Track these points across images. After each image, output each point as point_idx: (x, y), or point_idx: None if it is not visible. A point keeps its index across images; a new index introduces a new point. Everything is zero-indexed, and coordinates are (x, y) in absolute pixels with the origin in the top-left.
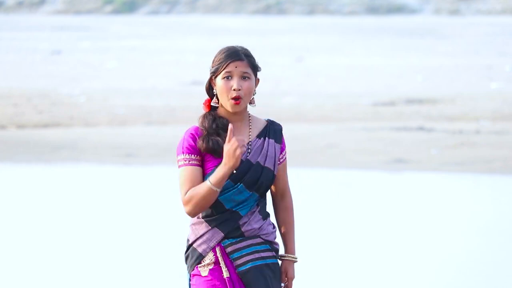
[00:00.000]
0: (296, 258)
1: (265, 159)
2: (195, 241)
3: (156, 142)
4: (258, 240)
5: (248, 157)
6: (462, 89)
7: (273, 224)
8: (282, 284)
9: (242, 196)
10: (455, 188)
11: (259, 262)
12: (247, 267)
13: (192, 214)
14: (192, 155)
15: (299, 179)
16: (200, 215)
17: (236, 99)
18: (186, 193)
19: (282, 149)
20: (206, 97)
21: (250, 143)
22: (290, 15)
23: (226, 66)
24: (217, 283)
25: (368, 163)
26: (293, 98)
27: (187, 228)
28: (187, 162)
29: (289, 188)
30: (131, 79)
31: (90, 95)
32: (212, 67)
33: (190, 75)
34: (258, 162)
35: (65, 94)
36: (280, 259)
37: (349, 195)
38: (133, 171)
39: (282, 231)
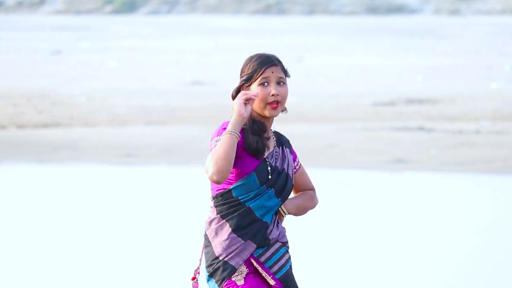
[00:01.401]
0: (284, 213)
1: (287, 167)
2: (227, 255)
3: (156, 142)
4: (278, 244)
5: (277, 164)
6: (462, 89)
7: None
8: None
9: (271, 202)
10: (455, 188)
11: (288, 266)
12: (283, 272)
13: (218, 172)
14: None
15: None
16: (232, 231)
17: (274, 103)
18: None
19: (294, 159)
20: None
21: (275, 149)
22: (290, 15)
23: (263, 72)
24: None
25: (368, 163)
26: (293, 98)
27: (187, 228)
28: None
29: (314, 189)
30: (131, 79)
31: (90, 95)
32: (244, 75)
33: (190, 75)
34: (283, 169)
35: (65, 94)
36: None
37: (349, 195)
38: (133, 171)
39: (294, 196)
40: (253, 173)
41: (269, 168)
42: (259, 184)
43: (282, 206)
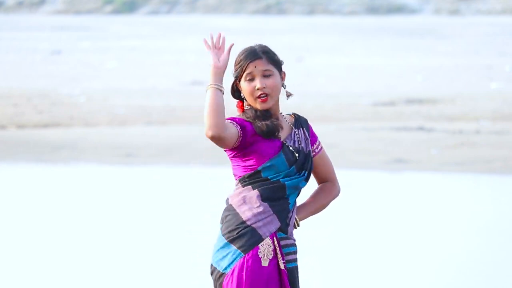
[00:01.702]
0: (297, 225)
1: (307, 146)
2: (256, 221)
3: (156, 142)
4: (292, 241)
5: (301, 145)
6: (462, 89)
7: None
8: None
9: (302, 185)
10: (455, 188)
11: (295, 263)
12: (293, 265)
13: (210, 127)
14: (232, 121)
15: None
16: (262, 198)
17: (262, 96)
18: None
19: (313, 141)
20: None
21: (294, 131)
22: (290, 15)
23: (246, 67)
24: (275, 275)
25: (368, 163)
26: (293, 98)
27: (187, 228)
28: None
29: (335, 177)
30: (131, 79)
31: (90, 95)
32: (234, 71)
33: (190, 75)
34: (309, 151)
35: (65, 94)
36: None
37: (349, 195)
38: (133, 171)
39: (311, 196)
40: (281, 153)
41: (291, 148)
42: (288, 165)
43: (295, 216)
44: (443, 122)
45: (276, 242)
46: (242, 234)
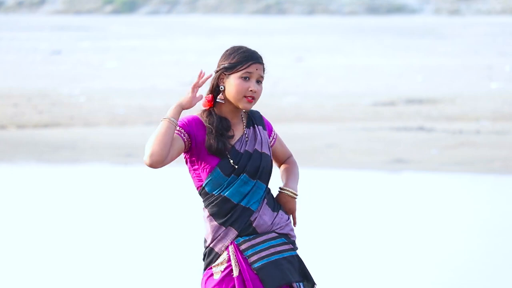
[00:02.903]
0: (295, 194)
1: (261, 146)
2: (211, 242)
3: None
4: (273, 234)
5: (246, 148)
6: (462, 89)
7: (286, 215)
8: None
9: (247, 187)
10: (455, 188)
11: (275, 257)
12: (262, 263)
13: (151, 155)
14: (182, 129)
15: (299, 179)
16: (213, 219)
17: (250, 98)
18: None
19: (269, 132)
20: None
21: (245, 133)
22: (290, 15)
23: (248, 66)
24: (229, 285)
25: (368, 163)
26: (293, 98)
27: (187, 228)
28: (175, 132)
29: (292, 155)
30: (131, 79)
31: (90, 95)
32: (227, 63)
33: (190, 75)
34: (256, 150)
35: (65, 94)
36: (279, 192)
37: (349, 195)
38: (133, 171)
39: (284, 174)
40: (217, 168)
41: (231, 161)
42: (226, 176)
43: (288, 189)
44: (443, 122)
45: (232, 250)
46: (204, 255)
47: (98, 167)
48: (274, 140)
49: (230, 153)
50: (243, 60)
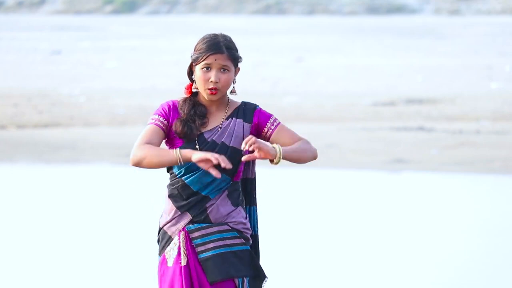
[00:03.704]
0: (277, 153)
1: (231, 139)
2: (165, 224)
3: None
4: (226, 227)
5: (214, 138)
6: (462, 89)
7: (245, 215)
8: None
9: (209, 177)
10: (455, 188)
11: (222, 250)
12: (208, 254)
13: (137, 159)
14: (162, 118)
15: (299, 179)
16: (171, 201)
17: (213, 90)
18: (144, 142)
19: (264, 124)
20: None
21: (221, 124)
22: (290, 15)
23: (206, 57)
24: (178, 274)
25: (368, 163)
26: (293, 98)
27: None
28: (155, 121)
29: (302, 138)
30: (131, 79)
31: (90, 95)
32: (193, 54)
33: None
34: (223, 142)
35: (65, 94)
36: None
37: (349, 195)
38: (133, 171)
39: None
40: (179, 150)
41: (197, 147)
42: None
43: (277, 146)
44: (443, 122)
45: (183, 237)
46: (158, 239)
47: (98, 167)
48: (271, 130)
49: (198, 140)
50: (203, 51)
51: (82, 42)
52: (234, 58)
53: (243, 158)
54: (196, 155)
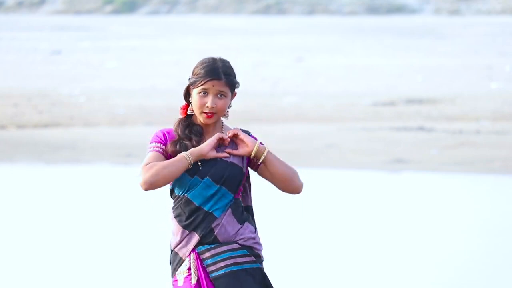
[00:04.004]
0: (255, 149)
1: (231, 156)
2: (176, 246)
3: None
4: (235, 245)
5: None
6: (462, 89)
7: (253, 228)
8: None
9: (210, 190)
10: (455, 188)
11: (233, 268)
12: (220, 273)
13: (148, 178)
14: (160, 144)
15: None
16: (177, 222)
17: (209, 113)
18: (147, 164)
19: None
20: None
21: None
22: (290, 15)
23: (204, 83)
24: None
25: (368, 163)
26: (293, 98)
27: None
28: (154, 148)
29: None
30: (131, 79)
31: (90, 95)
32: (191, 77)
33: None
34: (222, 159)
35: (65, 94)
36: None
37: (349, 195)
38: (133, 171)
39: None
40: None
41: (199, 162)
42: (189, 176)
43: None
44: (443, 122)
45: (194, 258)
46: (170, 260)
47: (98, 167)
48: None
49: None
50: (201, 76)
51: (82, 42)
52: (232, 84)
53: (227, 150)
54: (206, 147)
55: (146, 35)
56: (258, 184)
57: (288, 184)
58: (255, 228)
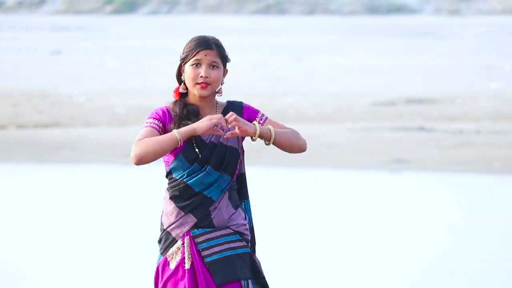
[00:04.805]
0: (257, 133)
1: (228, 138)
2: (169, 225)
3: None
4: (229, 230)
5: (211, 139)
6: (462, 89)
7: (244, 215)
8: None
9: (211, 178)
10: (455, 188)
11: (228, 253)
12: (215, 257)
13: (138, 154)
14: (157, 121)
15: (299, 179)
16: (173, 202)
17: (203, 84)
18: (140, 140)
19: (253, 118)
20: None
21: (215, 126)
22: (290, 15)
23: (196, 54)
24: (181, 276)
25: (368, 163)
26: (293, 98)
27: None
28: (151, 124)
29: (292, 129)
30: (131, 79)
31: (90, 95)
32: (183, 53)
33: None
34: (221, 142)
35: (65, 94)
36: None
37: (349, 195)
38: (133, 171)
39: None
40: (180, 154)
41: (196, 149)
42: (189, 163)
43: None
44: (443, 122)
45: (188, 242)
46: (160, 239)
47: (98, 167)
48: (261, 124)
49: (195, 141)
50: (192, 48)
51: (82, 42)
52: (223, 56)
53: (225, 135)
54: (200, 128)
55: (146, 35)
56: (259, 184)
57: (294, 149)
58: (245, 215)
